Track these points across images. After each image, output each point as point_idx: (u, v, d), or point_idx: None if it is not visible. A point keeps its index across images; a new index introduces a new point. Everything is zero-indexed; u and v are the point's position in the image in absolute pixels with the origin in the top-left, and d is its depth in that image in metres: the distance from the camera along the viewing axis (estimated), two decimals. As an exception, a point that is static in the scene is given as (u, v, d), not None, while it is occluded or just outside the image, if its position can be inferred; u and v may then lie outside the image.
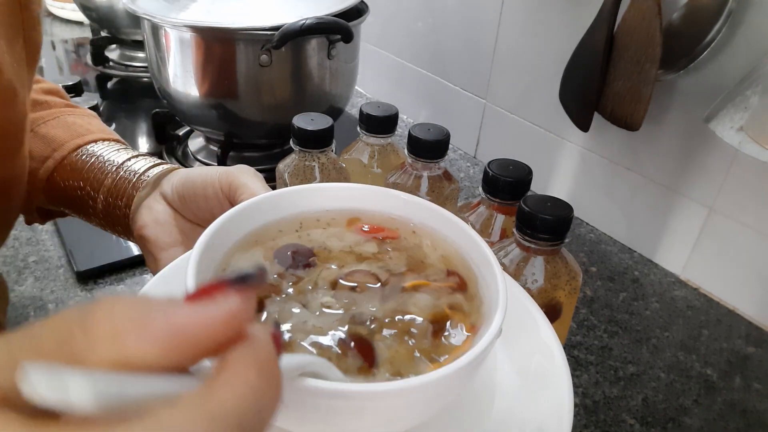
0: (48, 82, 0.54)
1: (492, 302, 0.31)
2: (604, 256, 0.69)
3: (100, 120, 0.53)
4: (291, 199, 0.37)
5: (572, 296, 0.46)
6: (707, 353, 0.56)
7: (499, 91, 0.81)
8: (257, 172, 0.43)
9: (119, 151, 0.49)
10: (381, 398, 0.25)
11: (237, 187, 0.41)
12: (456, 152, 0.89)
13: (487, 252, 0.33)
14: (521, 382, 0.35)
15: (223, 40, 0.67)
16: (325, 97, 0.75)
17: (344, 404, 0.25)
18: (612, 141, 0.69)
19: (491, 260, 0.32)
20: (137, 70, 1.06)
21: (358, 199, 0.38)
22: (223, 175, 0.42)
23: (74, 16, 1.28)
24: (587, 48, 0.64)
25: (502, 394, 0.34)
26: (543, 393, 0.33)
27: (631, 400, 0.51)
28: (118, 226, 0.48)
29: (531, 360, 0.35)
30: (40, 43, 0.42)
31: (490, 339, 0.27)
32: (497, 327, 0.28)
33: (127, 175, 0.47)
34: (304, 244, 0.35)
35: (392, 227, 0.37)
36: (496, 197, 0.49)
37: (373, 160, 0.60)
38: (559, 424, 0.31)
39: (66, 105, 0.53)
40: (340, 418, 0.26)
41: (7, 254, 0.62)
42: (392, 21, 0.95)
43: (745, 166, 0.57)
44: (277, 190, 0.37)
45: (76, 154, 0.48)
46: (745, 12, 0.54)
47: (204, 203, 0.43)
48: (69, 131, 0.49)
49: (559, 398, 0.32)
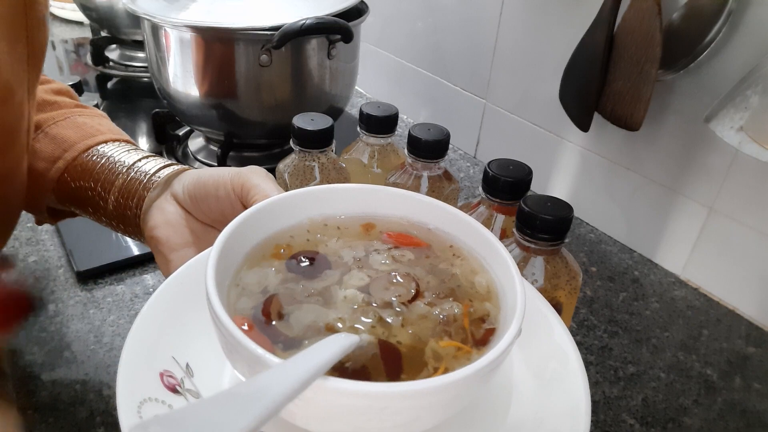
0: (58, 83, 0.54)
1: (510, 303, 0.31)
2: (604, 256, 0.69)
3: (110, 120, 0.53)
4: (307, 201, 0.37)
5: (572, 296, 0.46)
6: (707, 353, 0.56)
7: (499, 91, 0.81)
8: (268, 173, 0.43)
9: (130, 152, 0.49)
10: (405, 398, 0.25)
11: (249, 188, 0.41)
12: (456, 152, 0.89)
13: (503, 253, 0.33)
14: (537, 383, 0.35)
15: (223, 40, 0.67)
16: (325, 97, 0.75)
17: (367, 404, 0.25)
18: (612, 141, 0.69)
19: (508, 262, 0.33)
20: (137, 70, 1.06)
21: (373, 203, 0.38)
22: (236, 176, 0.42)
23: (74, 16, 1.28)
24: (587, 48, 0.64)
25: (519, 395, 0.34)
26: (559, 395, 0.33)
27: (631, 400, 0.51)
28: (129, 226, 0.48)
29: (547, 362, 0.36)
30: (45, 44, 0.42)
31: (510, 339, 0.28)
32: (516, 328, 0.28)
33: (138, 176, 0.47)
34: (319, 251, 0.35)
35: (408, 231, 0.38)
36: (496, 197, 0.49)
37: (373, 160, 0.60)
38: (574, 425, 0.31)
39: (76, 105, 0.53)
40: (363, 417, 0.26)
41: (7, 254, 0.62)
42: (392, 21, 0.95)
43: (745, 166, 0.57)
44: (293, 191, 0.38)
45: (87, 155, 0.48)
46: (745, 12, 0.54)
47: (216, 204, 0.43)
48: (79, 132, 0.49)
49: (575, 399, 0.32)
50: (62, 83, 0.55)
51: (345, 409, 0.26)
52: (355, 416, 0.26)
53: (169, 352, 0.33)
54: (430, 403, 0.27)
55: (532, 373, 0.35)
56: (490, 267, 0.35)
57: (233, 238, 0.33)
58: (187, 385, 0.32)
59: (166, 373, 0.32)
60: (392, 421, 0.27)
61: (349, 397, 0.25)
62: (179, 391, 0.32)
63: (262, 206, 0.35)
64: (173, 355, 0.33)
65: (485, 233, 0.35)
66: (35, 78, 0.43)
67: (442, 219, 0.38)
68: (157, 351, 0.33)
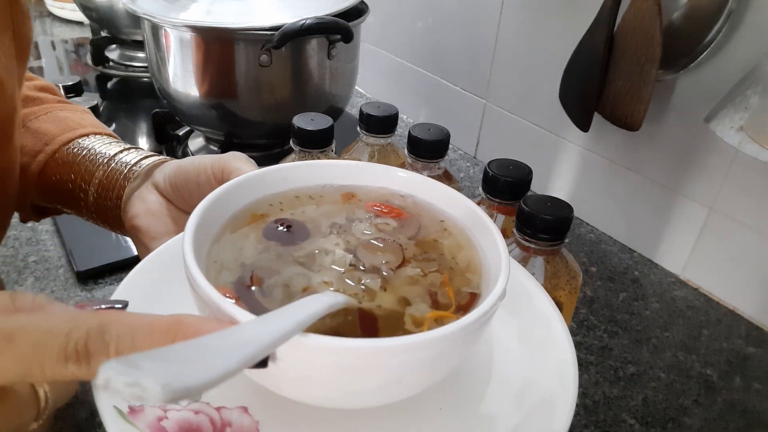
0: (42, 80, 0.54)
1: (494, 271, 0.31)
2: (604, 256, 0.69)
3: (92, 115, 0.53)
4: (282, 176, 0.37)
5: (572, 296, 0.46)
6: (707, 353, 0.56)
7: (499, 91, 0.81)
8: (249, 158, 0.43)
9: (111, 144, 0.49)
10: (387, 354, 0.25)
11: (230, 171, 0.41)
12: (456, 152, 0.89)
13: (486, 220, 0.33)
14: (523, 347, 0.35)
15: (223, 40, 0.67)
16: (325, 97, 0.75)
17: (351, 362, 0.25)
18: (612, 141, 0.69)
19: (491, 228, 0.33)
20: (137, 70, 1.06)
21: (352, 176, 0.38)
22: (216, 162, 0.42)
23: (74, 16, 1.28)
24: (587, 48, 0.64)
25: (505, 359, 0.34)
26: (547, 357, 0.33)
27: (631, 400, 0.51)
28: (109, 218, 0.47)
29: (532, 329, 0.36)
30: (30, 37, 0.42)
31: (494, 299, 0.28)
32: (501, 289, 0.28)
33: (119, 167, 0.47)
34: (296, 219, 0.35)
35: (388, 201, 0.38)
36: (496, 197, 0.49)
37: (373, 160, 0.60)
38: (563, 382, 0.31)
39: (59, 101, 0.52)
40: (347, 377, 0.26)
41: (7, 254, 0.62)
42: (392, 21, 0.95)
43: (745, 166, 0.57)
44: (267, 167, 0.37)
45: (68, 148, 0.48)
46: (745, 12, 0.54)
47: (197, 191, 0.43)
48: (60, 125, 0.49)
49: (562, 360, 0.33)
50: (45, 80, 0.54)
51: (326, 369, 0.25)
52: (338, 376, 0.25)
53: None
54: (412, 361, 0.26)
55: (518, 338, 0.35)
56: (475, 237, 0.35)
57: (208, 213, 0.32)
58: None
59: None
60: (375, 382, 0.26)
61: (330, 354, 0.24)
62: None
63: (237, 181, 0.35)
64: None
65: (470, 205, 0.35)
66: (23, 71, 0.43)
67: (427, 190, 0.38)
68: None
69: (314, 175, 0.38)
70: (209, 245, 0.32)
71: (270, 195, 0.36)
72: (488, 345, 0.35)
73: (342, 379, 0.26)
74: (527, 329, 0.36)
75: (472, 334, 0.28)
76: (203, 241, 0.31)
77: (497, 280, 0.29)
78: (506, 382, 0.33)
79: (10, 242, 0.63)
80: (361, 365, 0.25)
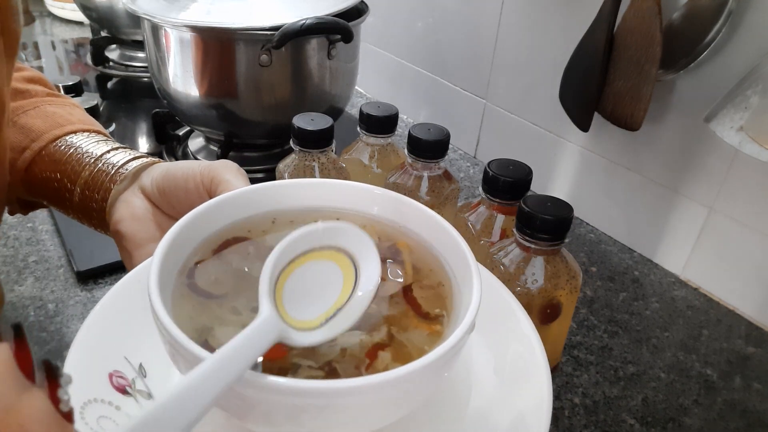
0: (31, 70, 0.52)
1: (465, 296, 0.30)
2: (604, 256, 0.69)
3: (82, 110, 0.52)
4: (264, 196, 0.37)
5: (572, 296, 0.46)
6: (707, 353, 0.56)
7: (499, 91, 0.81)
8: (241, 168, 0.42)
9: (99, 143, 0.48)
10: (346, 395, 0.25)
11: (219, 182, 0.40)
12: (456, 152, 0.89)
13: (464, 248, 0.32)
14: (498, 379, 0.34)
15: (223, 40, 0.67)
16: (325, 97, 0.75)
17: (309, 402, 0.24)
18: (612, 141, 0.69)
19: (467, 255, 0.31)
20: (137, 70, 1.06)
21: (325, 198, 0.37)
22: (206, 169, 0.41)
23: (74, 16, 1.28)
24: (587, 48, 0.64)
25: (480, 391, 0.34)
26: (521, 390, 0.33)
27: (631, 400, 0.51)
28: (94, 220, 0.46)
29: (509, 355, 0.35)
30: (19, 33, 0.41)
31: (461, 335, 0.27)
32: (468, 323, 0.27)
33: (105, 168, 0.45)
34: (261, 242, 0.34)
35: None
36: (496, 197, 0.49)
37: (373, 160, 0.60)
38: (537, 419, 0.31)
39: (48, 94, 0.51)
40: (306, 416, 0.25)
41: (7, 254, 0.62)
42: (392, 21, 0.95)
43: (745, 166, 0.57)
44: (249, 186, 0.37)
45: (55, 145, 0.47)
46: (745, 12, 0.54)
47: (184, 197, 0.42)
48: (48, 121, 0.48)
49: (538, 396, 0.32)
50: (35, 70, 0.53)
51: (288, 409, 0.25)
52: (297, 415, 0.25)
53: (121, 352, 0.33)
54: (375, 401, 0.26)
55: (493, 368, 0.35)
56: (447, 263, 0.34)
57: (183, 234, 0.32)
58: (138, 385, 0.32)
59: (116, 373, 0.31)
60: (338, 419, 0.26)
61: (285, 394, 0.24)
62: (129, 392, 0.31)
63: (216, 201, 0.35)
64: (125, 355, 0.33)
65: (447, 227, 0.34)
66: (11, 68, 0.42)
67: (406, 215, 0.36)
68: (108, 351, 0.32)
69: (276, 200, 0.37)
70: (176, 279, 0.31)
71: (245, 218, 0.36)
72: (465, 369, 0.35)
73: (301, 417, 0.25)
74: (504, 353, 0.35)
75: (436, 371, 0.27)
76: (172, 269, 0.31)
77: (467, 311, 0.28)
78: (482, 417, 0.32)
79: (10, 242, 0.63)
80: (319, 405, 0.25)
